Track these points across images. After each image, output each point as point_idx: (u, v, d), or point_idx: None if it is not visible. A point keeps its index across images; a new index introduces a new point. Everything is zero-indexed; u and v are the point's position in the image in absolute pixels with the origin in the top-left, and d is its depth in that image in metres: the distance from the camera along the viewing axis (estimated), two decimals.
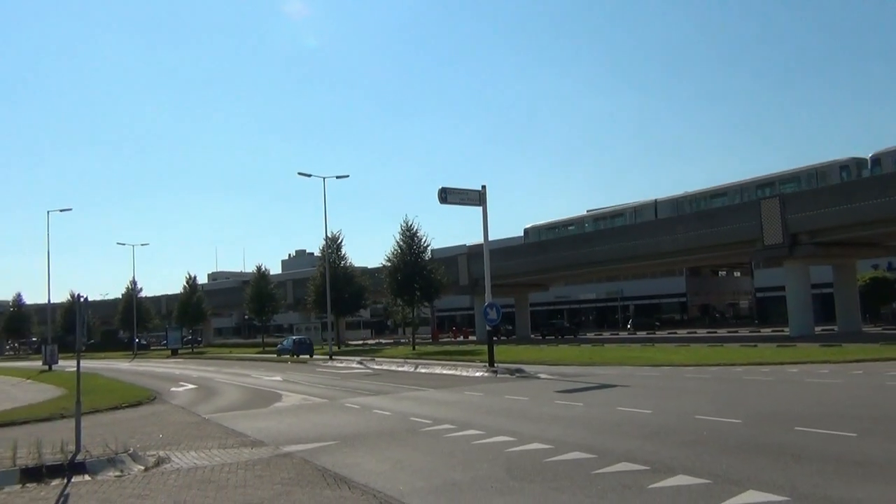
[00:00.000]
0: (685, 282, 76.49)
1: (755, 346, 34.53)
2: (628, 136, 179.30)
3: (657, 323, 67.45)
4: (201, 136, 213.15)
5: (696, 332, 56.29)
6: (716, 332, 54.29)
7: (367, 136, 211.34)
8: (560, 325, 67.40)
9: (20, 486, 9.70)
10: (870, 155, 47.38)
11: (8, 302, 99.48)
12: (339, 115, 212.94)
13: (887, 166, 44.21)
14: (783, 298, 45.49)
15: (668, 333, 57.10)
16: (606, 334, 63.37)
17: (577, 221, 70.63)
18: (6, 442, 12.77)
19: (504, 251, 61.15)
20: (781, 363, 24.52)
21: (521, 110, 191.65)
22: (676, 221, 51.89)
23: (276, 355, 51.55)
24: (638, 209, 64.90)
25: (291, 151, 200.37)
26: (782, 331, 46.60)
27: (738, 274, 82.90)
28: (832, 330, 44.81)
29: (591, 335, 62.89)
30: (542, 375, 24.46)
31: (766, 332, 50.63)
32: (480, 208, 28.30)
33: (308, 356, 47.75)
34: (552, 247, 60.13)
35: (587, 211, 78.96)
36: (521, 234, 76.12)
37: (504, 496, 7.79)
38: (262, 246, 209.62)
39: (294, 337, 56.82)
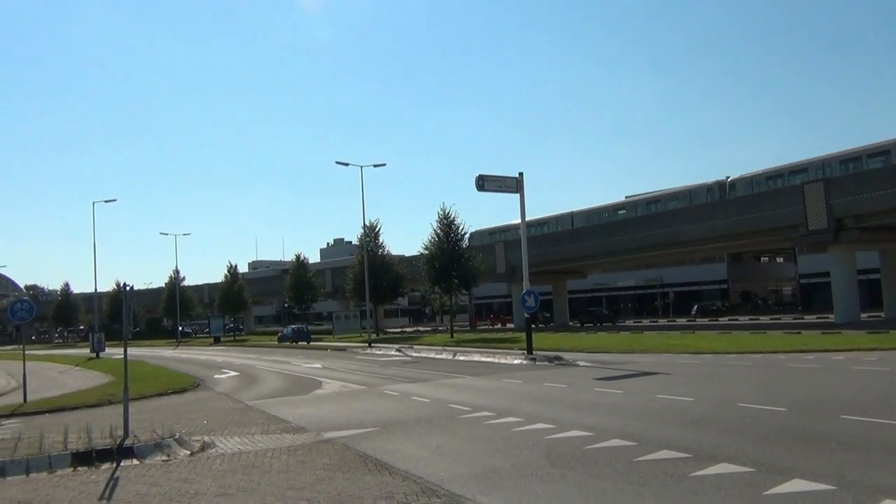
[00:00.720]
0: (726, 268, 75.26)
1: (799, 333, 33.90)
2: (665, 122, 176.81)
3: (723, 307, 66.23)
4: (242, 128, 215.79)
5: (737, 320, 55.46)
6: (758, 319, 53.43)
7: (403, 125, 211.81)
8: (598, 313, 66.95)
9: (72, 469, 9.99)
10: None
11: (56, 291, 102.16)
12: (376, 105, 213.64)
13: None
14: (828, 285, 44.50)
15: (710, 321, 56.35)
16: (646, 321, 62.75)
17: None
18: (57, 427, 13.17)
19: (542, 238, 60.91)
20: (826, 350, 24.04)
21: (557, 96, 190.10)
22: (717, 207, 51.07)
23: (277, 342, 57.14)
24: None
25: (330, 142, 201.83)
26: (827, 318, 45.63)
27: (781, 260, 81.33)
28: (879, 317, 43.76)
29: (629, 322, 62.34)
30: (581, 363, 24.35)
31: (811, 319, 49.61)
32: (518, 195, 28.20)
33: (305, 342, 53.79)
34: (590, 233, 59.66)
35: (626, 197, 78.26)
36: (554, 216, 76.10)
37: (545, 483, 7.80)
38: (301, 235, 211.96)
39: (293, 326, 62.52)
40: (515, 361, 26.19)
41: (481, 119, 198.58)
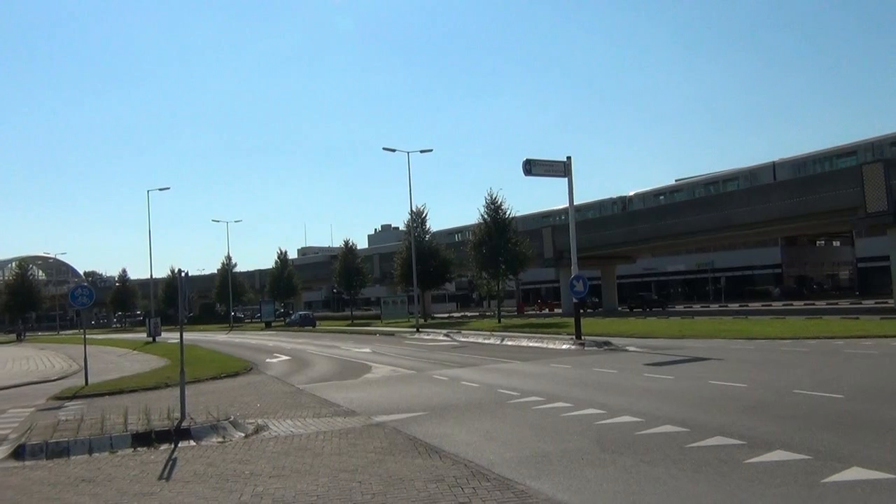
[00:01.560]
0: (780, 252, 73.51)
1: (856, 318, 32.97)
2: (717, 103, 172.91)
3: (813, 287, 64.78)
4: (291, 116, 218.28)
5: (791, 304, 54.21)
6: (813, 304, 52.12)
7: (451, 110, 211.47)
8: (648, 298, 66.12)
9: (132, 449, 10.31)
10: None
11: (114, 277, 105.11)
12: (423, 91, 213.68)
13: None
14: (887, 269, 43.11)
15: (762, 306, 55.18)
16: (696, 307, 61.76)
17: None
18: (117, 409, 13.59)
19: (590, 223, 60.31)
20: (885, 336, 23.34)
21: (605, 79, 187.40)
22: (771, 189, 49.83)
23: (285, 325, 64.88)
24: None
25: (377, 128, 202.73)
26: (886, 302, 44.24)
27: (838, 243, 79.10)
28: None
29: (680, 308, 61.44)
30: (631, 348, 24.12)
31: (869, 303, 48.18)
32: (566, 179, 27.95)
33: (311, 327, 61.43)
34: (640, 217, 58.85)
35: (676, 180, 76.96)
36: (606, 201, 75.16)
37: (595, 468, 7.76)
38: (349, 221, 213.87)
39: (300, 312, 71.44)
40: (564, 346, 26.07)
41: (529, 104, 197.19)
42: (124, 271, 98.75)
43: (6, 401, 18.58)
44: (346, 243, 71.40)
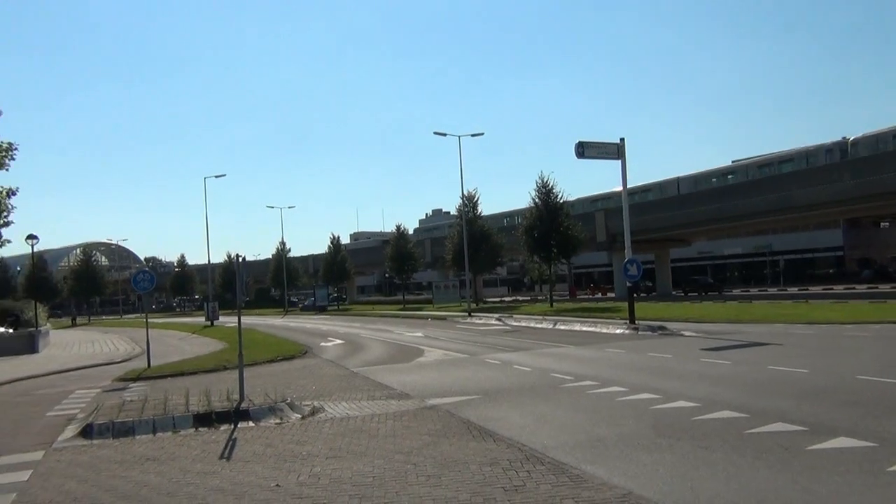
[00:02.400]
0: (842, 234, 71.23)
1: None
2: (774, 82, 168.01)
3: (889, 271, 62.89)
4: (342, 102, 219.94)
5: (853, 288, 52.57)
6: (876, 288, 50.44)
7: (502, 94, 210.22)
8: (703, 282, 64.84)
9: (194, 429, 10.60)
10: None
11: (173, 263, 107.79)
12: (474, 75, 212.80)
13: None
14: None
15: (823, 289, 53.64)
16: (754, 290, 60.37)
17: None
18: (179, 390, 13.99)
19: (644, 205, 59.39)
20: None
21: (658, 59, 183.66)
22: (835, 169, 48.28)
23: (299, 310, 71.85)
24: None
25: (428, 113, 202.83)
26: None
27: None
28: None
29: (737, 292, 60.15)
30: (686, 333, 23.74)
31: None
32: (619, 161, 27.55)
33: (327, 310, 68.79)
34: (695, 200, 57.69)
35: (733, 161, 75.16)
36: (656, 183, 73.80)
37: (651, 453, 7.68)
38: (401, 206, 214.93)
39: (313, 299, 79.41)
40: (617, 331, 25.82)
41: (580, 86, 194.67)
42: (183, 257, 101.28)
43: (74, 382, 19.31)
44: (398, 228, 71.78)
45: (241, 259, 13.48)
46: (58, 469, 8.60)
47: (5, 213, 24.51)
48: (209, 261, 64.44)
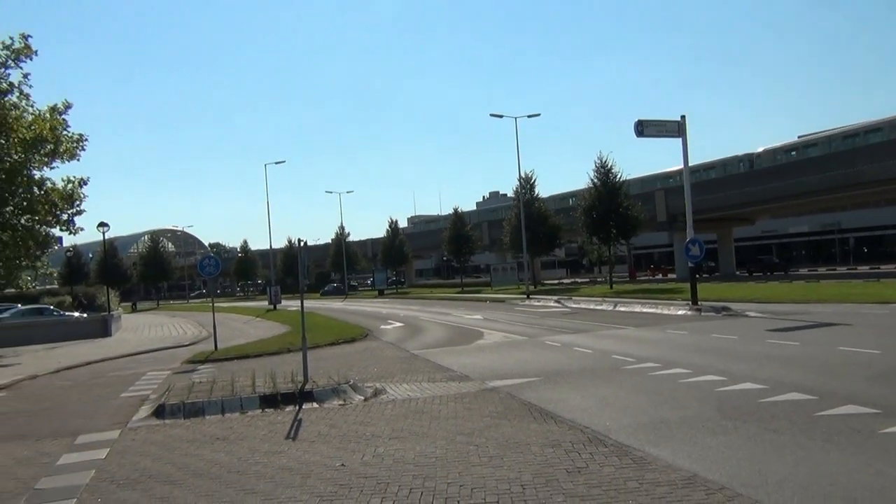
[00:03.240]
0: None
1: None
2: (839, 54, 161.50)
3: None
4: (399, 86, 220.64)
5: None
6: None
7: (558, 73, 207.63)
8: (768, 261, 63.17)
9: (260, 410, 10.88)
10: None
11: (236, 248, 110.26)
12: (530, 54, 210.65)
13: None
14: None
15: None
16: (822, 270, 58.52)
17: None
18: (245, 372, 14.36)
19: (706, 184, 58.05)
20: None
21: (720, 32, 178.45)
22: None
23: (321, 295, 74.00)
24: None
25: (484, 94, 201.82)
26: None
27: None
28: None
29: (803, 271, 58.42)
30: (751, 313, 23.20)
31: None
32: (680, 139, 26.98)
33: (343, 296, 71.84)
34: (759, 177, 56.07)
35: (799, 137, 72.74)
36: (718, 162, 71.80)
37: (717, 436, 7.56)
38: (457, 188, 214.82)
39: (333, 285, 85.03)
40: (679, 312, 25.39)
41: (639, 63, 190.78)
42: (245, 242, 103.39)
43: (145, 364, 20.02)
44: (455, 211, 71.82)
45: (302, 244, 13.71)
46: (133, 447, 8.95)
47: (77, 202, 25.52)
48: (271, 246, 65.76)
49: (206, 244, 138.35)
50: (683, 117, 26.84)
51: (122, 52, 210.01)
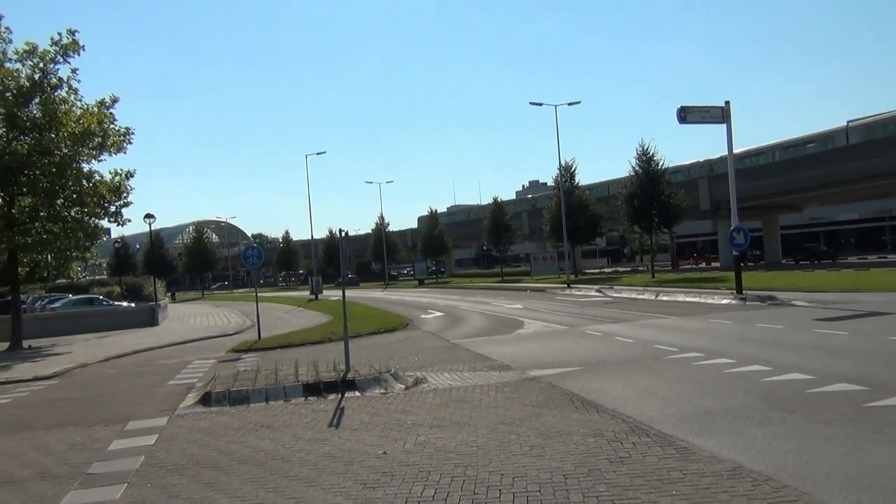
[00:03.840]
0: None
1: None
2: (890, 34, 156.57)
3: None
4: (437, 75, 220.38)
5: None
6: None
7: (598, 58, 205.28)
8: (816, 250, 61.74)
9: (303, 398, 11.03)
10: None
11: (278, 239, 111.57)
12: (569, 41, 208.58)
13: None
14: None
15: None
16: (872, 258, 57.02)
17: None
18: (288, 361, 14.56)
19: (751, 171, 56.91)
20: None
21: (763, 14, 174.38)
22: None
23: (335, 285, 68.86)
24: None
25: (523, 82, 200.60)
26: None
27: None
28: None
29: (852, 259, 57.00)
30: (798, 303, 22.73)
31: None
32: (724, 126, 26.49)
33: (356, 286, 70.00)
34: (806, 163, 54.76)
35: (848, 122, 70.80)
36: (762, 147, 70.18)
37: (762, 426, 7.44)
38: (497, 177, 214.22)
39: (350, 276, 79.77)
40: (723, 301, 25.00)
41: (680, 48, 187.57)
42: (287, 233, 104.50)
43: (191, 353, 20.43)
44: (495, 200, 71.63)
45: (344, 234, 13.82)
46: (180, 434, 9.15)
47: (125, 194, 26.11)
48: (312, 236, 66.46)
49: (249, 235, 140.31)
50: (727, 103, 26.35)
51: (167, 45, 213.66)
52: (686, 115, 25.73)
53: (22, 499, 6.68)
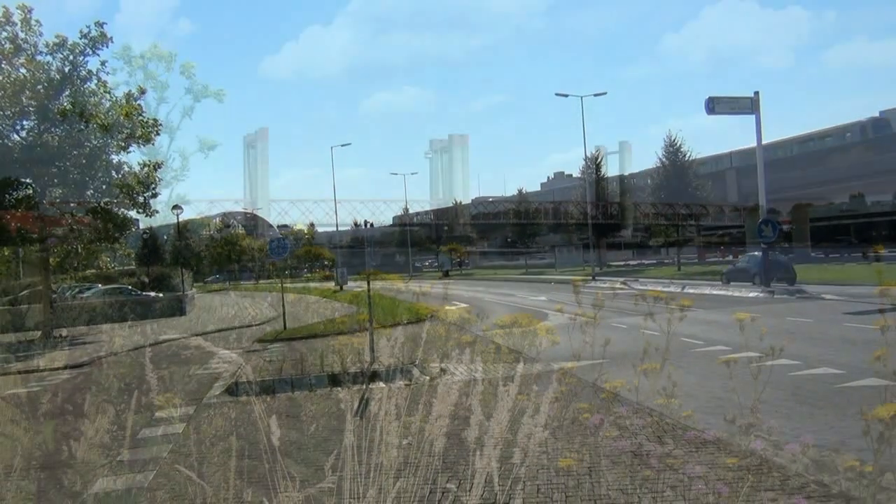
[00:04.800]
0: None
1: None
2: None
3: None
4: (460, 64, 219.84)
5: None
6: None
7: (624, 49, 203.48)
8: (847, 242, 60.86)
9: (329, 389, 11.11)
10: None
11: (303, 230, 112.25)
12: (593, 32, 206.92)
13: None
14: None
15: None
16: None
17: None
18: (313, 351, 14.67)
19: (780, 162, 56.24)
20: None
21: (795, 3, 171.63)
22: None
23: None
24: None
25: (549, 73, 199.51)
26: None
27: None
28: None
29: (885, 252, 56.06)
30: (827, 296, 22.44)
31: None
32: (753, 117, 26.17)
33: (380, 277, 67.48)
34: (837, 154, 54.00)
35: (880, 113, 69.56)
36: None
37: (792, 421, 7.37)
38: (521, 169, 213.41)
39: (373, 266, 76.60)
40: (751, 294, 24.78)
41: (709, 34, 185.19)
42: (312, 224, 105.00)
43: (218, 342, 20.64)
44: (520, 192, 71.52)
45: (369, 226, 13.86)
46: (208, 423, 9.26)
47: (153, 185, 26.41)
48: (337, 227, 66.79)
49: (275, 226, 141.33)
50: (757, 93, 26.03)
51: (193, 35, 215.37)
52: (714, 106, 25.50)
53: (53, 485, 6.81)
